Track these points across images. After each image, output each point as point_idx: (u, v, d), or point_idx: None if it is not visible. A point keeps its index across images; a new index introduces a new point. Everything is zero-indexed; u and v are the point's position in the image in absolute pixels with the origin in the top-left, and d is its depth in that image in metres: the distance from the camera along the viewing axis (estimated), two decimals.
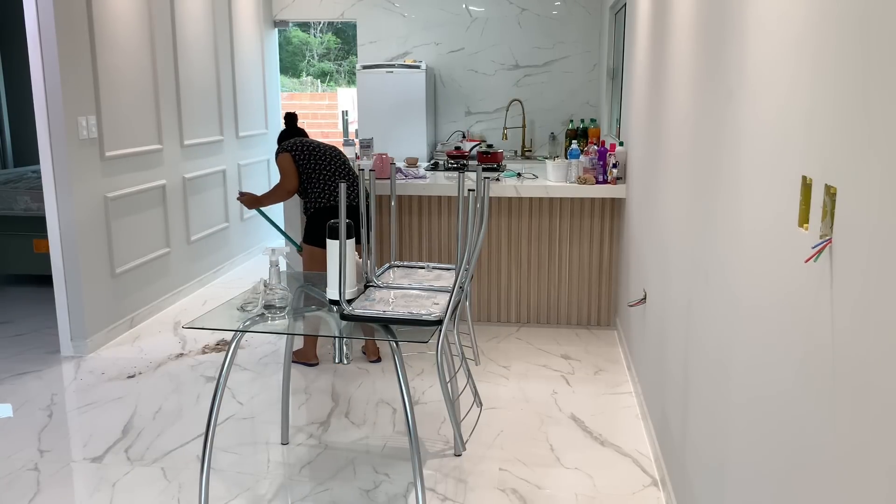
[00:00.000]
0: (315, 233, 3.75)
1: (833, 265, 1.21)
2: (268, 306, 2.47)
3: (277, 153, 3.83)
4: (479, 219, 2.46)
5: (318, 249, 3.74)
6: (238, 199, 4.03)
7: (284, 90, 12.19)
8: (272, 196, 3.86)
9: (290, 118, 4.18)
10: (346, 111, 5.11)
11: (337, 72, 14.37)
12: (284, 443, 3.08)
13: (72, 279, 4.02)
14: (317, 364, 3.93)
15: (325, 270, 3.86)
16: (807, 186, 1.33)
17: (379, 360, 4.00)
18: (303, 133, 4.10)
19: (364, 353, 4.02)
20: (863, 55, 1.13)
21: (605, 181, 4.19)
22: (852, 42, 1.17)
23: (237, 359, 4.01)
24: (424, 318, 2.35)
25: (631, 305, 3.71)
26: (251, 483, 2.78)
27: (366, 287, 2.69)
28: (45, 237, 5.06)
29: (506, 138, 6.23)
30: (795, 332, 1.38)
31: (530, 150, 6.31)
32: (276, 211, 6.81)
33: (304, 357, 3.90)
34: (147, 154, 4.67)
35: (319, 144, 3.88)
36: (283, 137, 4.08)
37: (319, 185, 3.77)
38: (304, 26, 13.81)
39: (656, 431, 2.95)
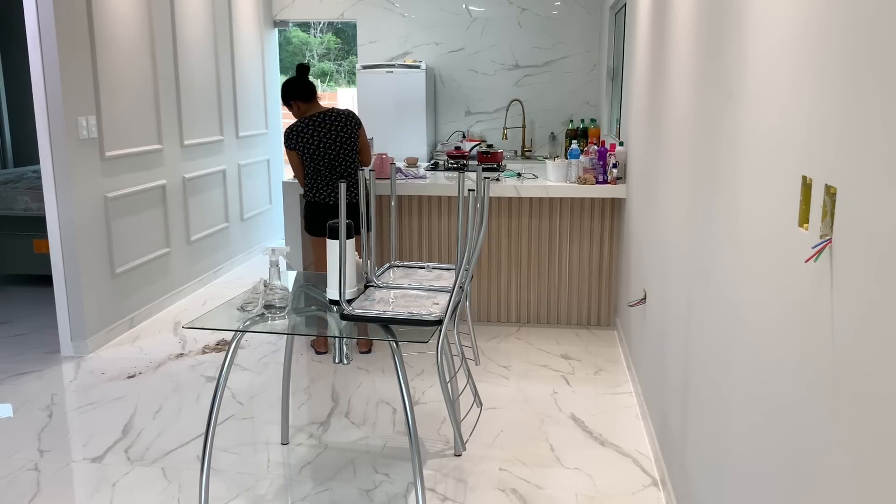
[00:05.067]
0: (307, 223, 3.96)
1: (833, 265, 1.21)
2: (268, 306, 2.47)
3: (286, 141, 3.83)
4: (479, 219, 2.46)
5: (312, 238, 3.97)
6: None
7: None
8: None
9: (303, 70, 3.91)
10: None
11: (337, 72, 14.37)
12: (284, 443, 3.08)
13: (72, 279, 4.02)
14: (325, 353, 4.09)
15: (320, 258, 3.96)
16: (807, 186, 1.33)
17: (370, 350, 4.09)
18: (311, 89, 3.89)
19: (356, 344, 4.11)
20: (863, 55, 1.13)
21: (605, 181, 4.19)
22: (852, 42, 1.17)
23: (237, 359, 4.01)
24: (424, 318, 2.35)
25: (631, 305, 3.71)
26: (251, 483, 2.78)
27: (366, 287, 2.69)
28: (45, 237, 5.06)
29: (506, 138, 6.23)
30: (795, 332, 1.38)
31: (530, 150, 6.31)
32: (278, 207, 6.81)
33: (316, 344, 4.12)
34: (147, 154, 4.67)
35: (318, 129, 3.78)
36: (286, 88, 3.88)
37: (312, 178, 3.83)
38: (304, 26, 13.81)
39: (656, 431, 2.95)
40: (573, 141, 5.71)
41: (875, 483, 1.05)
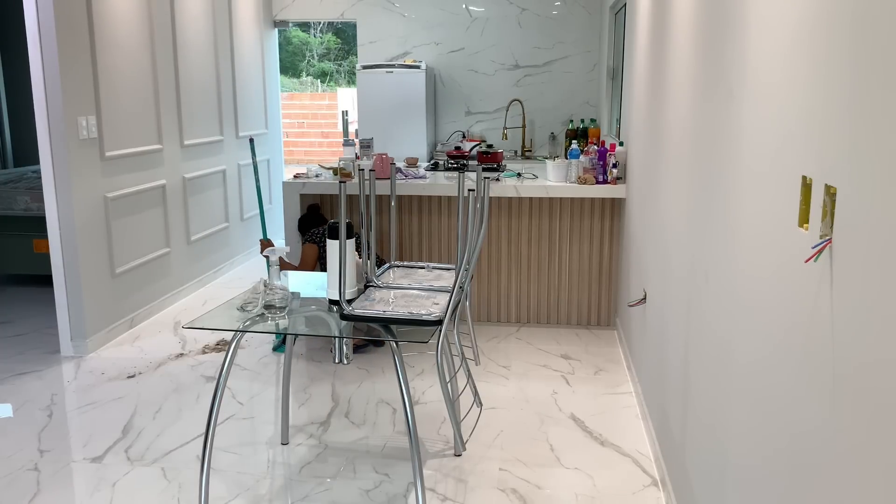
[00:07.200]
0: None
1: (833, 265, 1.21)
2: (268, 306, 2.47)
3: (304, 240, 4.06)
4: (479, 219, 2.46)
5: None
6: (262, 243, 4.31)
7: (284, 90, 12.20)
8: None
9: (313, 209, 4.32)
10: (346, 111, 5.11)
11: (337, 72, 14.36)
12: (284, 443, 3.08)
13: (72, 279, 4.02)
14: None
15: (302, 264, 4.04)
16: (807, 186, 1.33)
17: (366, 345, 4.13)
18: (324, 220, 4.29)
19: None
20: (863, 54, 1.13)
21: (605, 181, 4.19)
22: (852, 41, 1.17)
23: (237, 359, 4.01)
24: (424, 318, 2.35)
25: (631, 305, 3.71)
26: (251, 483, 2.78)
27: (366, 287, 2.69)
28: (45, 237, 5.06)
29: (506, 138, 6.23)
30: (795, 332, 1.38)
31: (530, 150, 6.31)
32: (278, 206, 6.81)
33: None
34: (147, 154, 4.67)
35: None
36: (302, 222, 4.28)
37: None
38: (304, 26, 13.81)
39: (656, 431, 2.95)
40: (573, 141, 5.71)
41: (875, 483, 1.05)
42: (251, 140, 4.61)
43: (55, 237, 3.98)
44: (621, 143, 4.30)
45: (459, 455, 2.98)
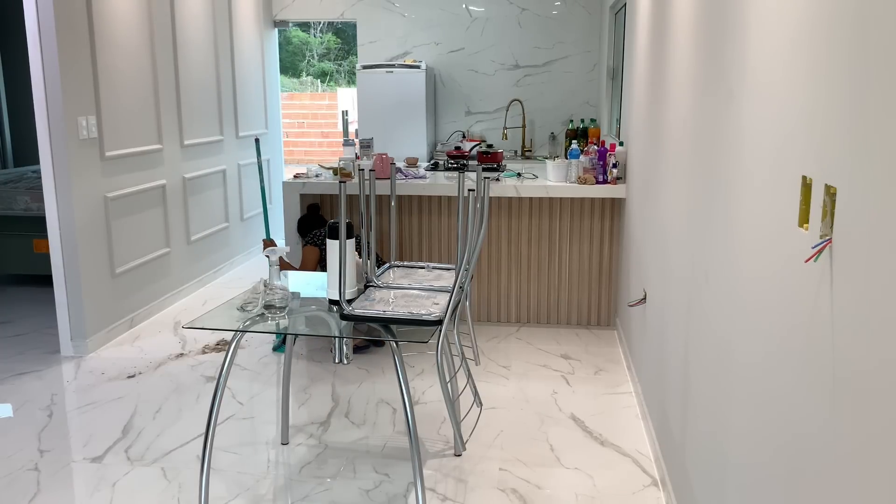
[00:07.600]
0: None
1: (833, 265, 1.21)
2: (268, 306, 2.47)
3: (305, 242, 4.07)
4: (479, 219, 2.46)
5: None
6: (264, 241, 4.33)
7: (284, 90, 12.20)
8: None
9: (313, 209, 4.33)
10: (346, 111, 5.10)
11: (337, 72, 14.37)
12: (284, 443, 3.08)
13: (72, 279, 4.02)
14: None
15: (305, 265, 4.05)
16: (807, 186, 1.33)
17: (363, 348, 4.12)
18: (324, 221, 4.29)
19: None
20: (863, 55, 1.13)
21: (605, 181, 4.19)
22: (852, 41, 1.17)
23: (237, 359, 4.01)
24: (424, 318, 2.35)
25: (631, 305, 3.71)
26: (251, 483, 2.78)
27: (366, 287, 2.69)
28: (45, 237, 5.06)
29: (506, 138, 6.23)
30: (795, 332, 1.38)
31: (530, 150, 6.31)
32: (278, 206, 6.81)
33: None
34: (147, 154, 4.67)
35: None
36: (302, 223, 4.30)
37: None
38: (304, 26, 13.81)
39: (656, 431, 2.95)
40: (573, 141, 5.71)
41: (876, 483, 1.05)
42: (257, 140, 4.60)
43: (55, 237, 3.98)
44: (621, 143, 4.30)
45: (459, 455, 2.98)
